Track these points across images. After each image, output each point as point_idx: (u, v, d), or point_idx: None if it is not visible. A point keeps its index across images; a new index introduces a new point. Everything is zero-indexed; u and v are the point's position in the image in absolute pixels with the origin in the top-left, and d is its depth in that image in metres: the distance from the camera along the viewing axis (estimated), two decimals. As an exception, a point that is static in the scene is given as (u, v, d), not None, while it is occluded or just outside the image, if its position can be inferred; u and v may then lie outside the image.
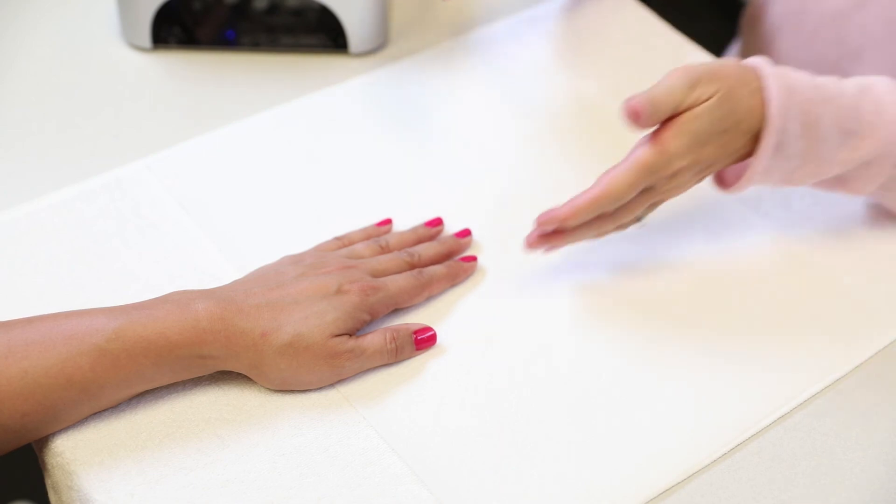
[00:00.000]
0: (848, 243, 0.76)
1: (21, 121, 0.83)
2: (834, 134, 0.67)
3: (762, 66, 0.67)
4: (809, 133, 0.66)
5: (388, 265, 0.68)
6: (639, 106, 0.63)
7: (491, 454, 0.62)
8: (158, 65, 0.88)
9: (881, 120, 0.68)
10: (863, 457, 0.64)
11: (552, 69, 0.90)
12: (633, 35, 0.94)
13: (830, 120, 0.67)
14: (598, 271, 0.73)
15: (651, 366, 0.67)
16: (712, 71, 0.65)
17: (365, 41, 0.89)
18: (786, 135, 0.66)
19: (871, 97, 0.68)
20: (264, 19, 0.88)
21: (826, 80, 0.68)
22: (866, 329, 0.70)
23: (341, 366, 0.63)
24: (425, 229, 0.74)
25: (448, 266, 0.71)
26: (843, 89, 0.68)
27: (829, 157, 0.68)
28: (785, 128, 0.66)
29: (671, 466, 0.62)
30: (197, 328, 0.60)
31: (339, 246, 0.71)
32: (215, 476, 0.60)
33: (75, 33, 0.91)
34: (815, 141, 0.67)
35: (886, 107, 0.68)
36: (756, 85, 0.66)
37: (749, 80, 0.66)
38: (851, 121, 0.67)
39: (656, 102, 0.63)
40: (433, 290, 0.69)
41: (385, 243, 0.71)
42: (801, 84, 0.67)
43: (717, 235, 0.76)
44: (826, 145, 0.67)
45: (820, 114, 0.66)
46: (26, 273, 0.70)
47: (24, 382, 0.57)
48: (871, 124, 0.67)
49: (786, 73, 0.67)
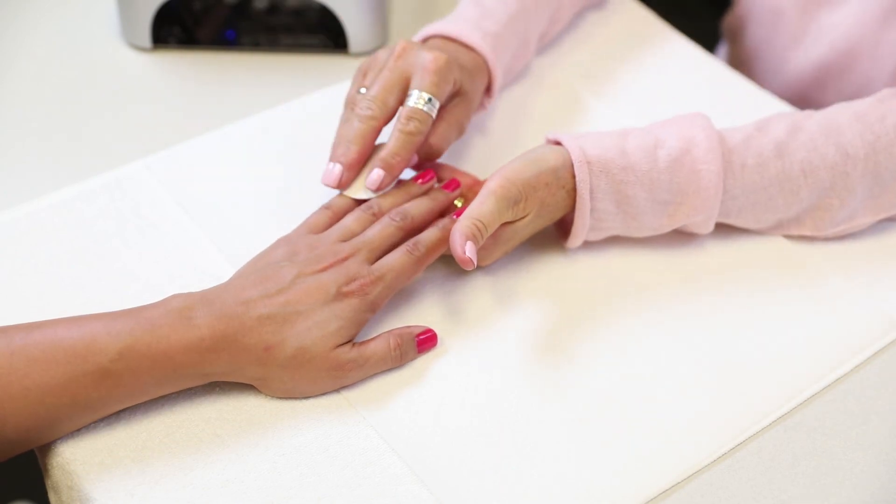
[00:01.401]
0: (850, 244, 0.76)
1: (21, 121, 0.83)
2: (648, 206, 0.70)
3: (576, 166, 0.68)
4: (624, 210, 0.70)
5: (383, 240, 0.67)
6: (471, 260, 0.64)
7: (491, 454, 0.62)
8: (158, 65, 0.88)
9: (694, 188, 0.70)
10: (863, 457, 0.64)
11: (551, 69, 0.90)
12: (633, 35, 0.94)
13: (643, 195, 0.70)
14: (597, 271, 0.73)
15: (651, 366, 0.67)
16: (528, 188, 0.67)
17: (365, 41, 0.89)
18: (599, 213, 0.70)
19: (686, 165, 0.70)
20: (264, 19, 0.88)
21: (639, 156, 0.70)
22: (867, 329, 0.70)
23: (344, 376, 0.63)
24: (418, 186, 0.72)
25: (442, 229, 0.69)
26: (657, 162, 0.70)
27: (650, 223, 0.72)
28: (596, 208, 0.70)
29: (671, 466, 0.62)
30: (201, 348, 0.59)
31: (329, 218, 0.70)
32: (215, 476, 0.60)
33: (75, 33, 0.91)
34: (630, 215, 0.71)
35: (701, 174, 0.70)
36: (570, 186, 0.69)
37: (563, 184, 0.69)
38: (664, 192, 0.70)
39: (480, 237, 0.65)
40: (430, 260, 0.68)
41: (377, 209, 0.70)
42: (613, 167, 0.69)
43: (718, 235, 0.76)
44: (644, 216, 0.71)
45: (631, 194, 0.69)
46: (26, 273, 0.70)
47: (27, 401, 0.57)
48: (684, 193, 0.70)
49: (599, 160, 0.69)
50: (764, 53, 1.00)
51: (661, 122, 0.73)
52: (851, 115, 0.73)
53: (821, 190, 0.72)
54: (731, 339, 0.69)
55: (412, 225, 0.69)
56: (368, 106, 0.71)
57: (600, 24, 0.94)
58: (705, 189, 0.70)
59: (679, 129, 0.71)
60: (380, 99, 0.71)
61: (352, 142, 0.70)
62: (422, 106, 0.70)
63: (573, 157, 0.69)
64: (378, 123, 0.71)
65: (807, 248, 0.76)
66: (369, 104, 0.71)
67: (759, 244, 0.76)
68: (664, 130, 0.71)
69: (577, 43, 0.92)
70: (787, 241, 0.76)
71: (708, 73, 0.91)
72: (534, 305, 0.71)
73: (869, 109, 0.73)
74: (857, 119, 0.73)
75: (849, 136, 0.72)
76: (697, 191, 0.70)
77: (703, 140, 0.70)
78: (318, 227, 0.69)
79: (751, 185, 0.71)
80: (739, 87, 0.89)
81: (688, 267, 0.74)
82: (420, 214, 0.69)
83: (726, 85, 0.89)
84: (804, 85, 0.96)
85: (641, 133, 0.71)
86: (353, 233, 0.68)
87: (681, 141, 0.70)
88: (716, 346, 0.69)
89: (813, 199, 0.72)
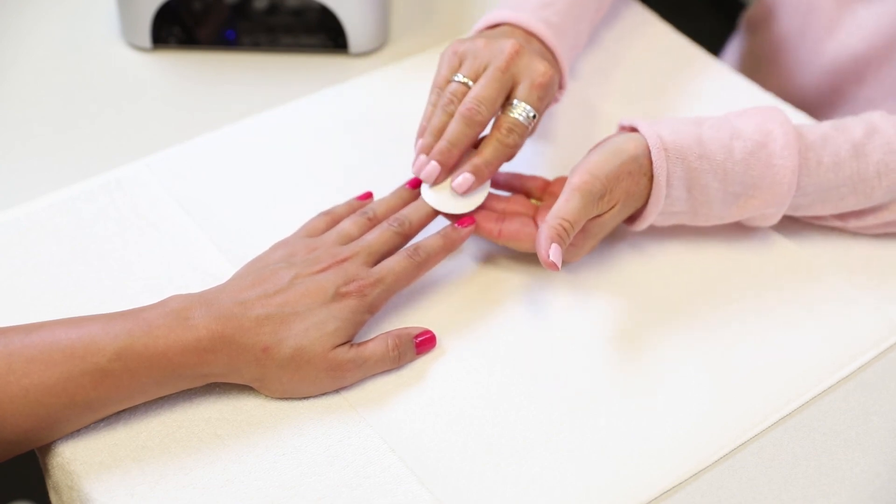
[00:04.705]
0: (850, 245, 0.76)
1: (21, 121, 0.83)
2: (720, 196, 0.70)
3: (653, 152, 0.68)
4: (695, 196, 0.70)
5: (381, 244, 0.67)
6: (555, 264, 0.64)
7: (491, 454, 0.62)
8: (158, 65, 0.88)
9: (768, 182, 0.70)
10: (863, 457, 0.64)
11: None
12: (633, 35, 0.94)
13: (716, 185, 0.69)
14: (598, 272, 0.73)
15: (652, 367, 0.67)
16: (612, 180, 0.67)
17: (365, 41, 0.89)
18: (672, 199, 0.70)
19: (762, 159, 0.69)
20: (264, 19, 0.88)
21: (715, 146, 0.69)
22: (869, 332, 0.70)
23: (342, 376, 0.63)
24: (410, 192, 0.72)
25: (444, 237, 0.69)
26: (732, 153, 0.69)
27: (719, 212, 0.72)
28: (670, 195, 0.70)
29: (671, 467, 0.62)
30: (199, 348, 0.59)
31: (327, 223, 0.70)
32: (215, 476, 0.60)
33: (75, 33, 0.91)
34: (700, 202, 0.71)
35: (776, 169, 0.69)
36: (651, 173, 0.69)
37: (644, 171, 0.69)
38: (737, 184, 0.70)
39: (567, 237, 0.65)
40: (430, 266, 0.68)
41: (372, 214, 0.70)
42: (690, 154, 0.69)
43: (718, 236, 0.76)
44: (714, 205, 0.71)
45: (705, 182, 0.69)
46: (26, 273, 0.70)
47: (25, 401, 0.57)
48: (757, 187, 0.70)
49: (675, 146, 0.69)
50: (794, 45, 0.99)
51: (737, 112, 0.73)
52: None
53: (895, 192, 0.72)
54: (734, 341, 0.69)
55: (410, 230, 0.69)
56: (477, 108, 0.69)
57: (600, 24, 0.94)
58: (779, 184, 0.70)
59: (756, 122, 0.71)
60: (489, 101, 0.69)
61: (454, 144, 0.69)
62: (523, 120, 0.70)
63: (650, 144, 0.68)
64: (482, 129, 0.70)
65: (809, 251, 0.76)
66: (478, 105, 0.69)
67: (761, 246, 0.76)
68: (741, 121, 0.71)
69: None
70: (789, 243, 0.76)
71: (713, 76, 0.91)
72: (534, 306, 0.70)
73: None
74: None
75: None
76: (771, 185, 0.70)
77: (780, 135, 0.70)
78: (316, 232, 0.69)
79: (825, 183, 0.71)
80: (743, 90, 0.89)
81: (689, 268, 0.74)
82: (419, 220, 0.70)
83: (732, 87, 0.89)
84: (838, 77, 0.96)
85: (717, 122, 0.71)
86: (350, 236, 0.68)
87: (757, 134, 0.70)
88: (718, 347, 0.69)
89: (885, 199, 0.72)
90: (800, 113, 0.87)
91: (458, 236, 0.69)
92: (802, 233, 0.77)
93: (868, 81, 0.94)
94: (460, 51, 0.72)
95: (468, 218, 0.70)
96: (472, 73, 0.71)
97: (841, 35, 0.94)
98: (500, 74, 0.70)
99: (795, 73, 0.99)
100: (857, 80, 0.94)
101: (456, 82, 0.71)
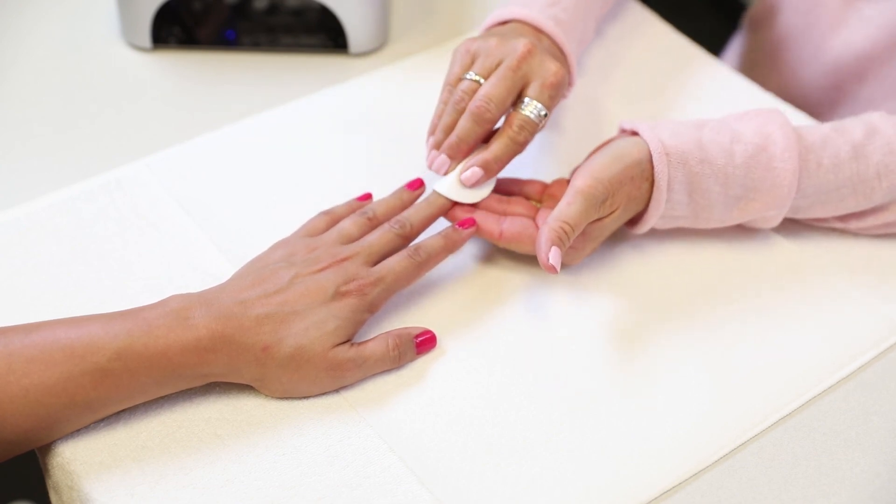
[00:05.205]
0: (850, 245, 0.76)
1: (21, 121, 0.83)
2: (721, 200, 0.70)
3: (655, 157, 0.68)
4: (696, 201, 0.70)
5: (382, 245, 0.67)
6: (555, 267, 0.65)
7: (491, 454, 0.62)
8: (158, 65, 0.88)
9: (768, 185, 0.70)
10: (863, 457, 0.64)
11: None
12: (633, 35, 0.94)
13: (717, 189, 0.70)
14: (598, 272, 0.73)
15: (653, 367, 0.67)
16: (615, 185, 0.67)
17: (365, 41, 0.89)
18: (672, 203, 0.70)
19: (762, 162, 0.70)
20: (264, 19, 0.88)
21: (715, 150, 0.69)
22: (869, 332, 0.70)
23: (342, 376, 0.63)
24: (409, 193, 0.72)
25: (445, 237, 0.69)
26: (733, 157, 0.69)
27: (720, 215, 0.72)
28: (671, 199, 0.70)
29: (671, 467, 0.62)
30: (199, 348, 0.59)
31: (327, 223, 0.70)
32: (215, 476, 0.60)
33: (75, 33, 0.91)
34: (701, 206, 0.71)
35: (776, 171, 0.70)
36: (650, 179, 0.69)
37: (646, 176, 0.69)
38: (738, 188, 0.70)
39: (567, 239, 0.66)
40: (431, 266, 0.68)
41: (372, 214, 0.70)
42: (691, 159, 0.69)
43: (718, 237, 0.76)
44: (715, 208, 0.71)
45: (706, 186, 0.69)
46: (26, 273, 0.70)
47: (26, 401, 0.57)
48: (758, 190, 0.70)
49: (677, 151, 0.69)
50: (796, 43, 0.99)
51: (737, 114, 0.73)
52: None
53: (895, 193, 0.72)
54: (734, 341, 0.69)
55: (411, 232, 0.69)
56: (486, 106, 0.69)
57: (601, 24, 0.94)
58: (780, 187, 0.70)
59: (756, 125, 0.71)
60: (500, 100, 0.69)
61: (462, 139, 0.70)
62: (534, 118, 0.70)
63: (652, 149, 0.69)
64: (492, 126, 0.70)
65: (809, 251, 0.76)
66: (487, 103, 0.69)
67: (761, 247, 0.76)
68: (741, 124, 0.71)
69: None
70: (789, 244, 0.76)
71: (713, 76, 0.91)
72: (534, 306, 0.70)
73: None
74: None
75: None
76: (772, 188, 0.70)
77: (780, 138, 0.70)
78: (316, 231, 0.69)
79: (825, 184, 0.71)
80: (743, 90, 0.89)
81: (689, 269, 0.74)
82: (419, 221, 0.70)
83: (732, 87, 0.89)
84: (840, 76, 0.96)
85: (717, 125, 0.71)
86: (350, 236, 0.68)
87: (757, 137, 0.70)
88: (718, 347, 0.69)
89: (886, 200, 0.73)
90: (800, 113, 0.87)
91: (459, 237, 0.69)
92: (802, 233, 0.77)
93: (869, 80, 0.94)
94: (473, 49, 0.73)
95: (469, 219, 0.70)
96: (483, 71, 0.71)
97: (845, 32, 0.94)
98: (511, 73, 0.70)
99: (797, 71, 0.99)
100: (859, 79, 0.95)
101: (467, 80, 0.71)
